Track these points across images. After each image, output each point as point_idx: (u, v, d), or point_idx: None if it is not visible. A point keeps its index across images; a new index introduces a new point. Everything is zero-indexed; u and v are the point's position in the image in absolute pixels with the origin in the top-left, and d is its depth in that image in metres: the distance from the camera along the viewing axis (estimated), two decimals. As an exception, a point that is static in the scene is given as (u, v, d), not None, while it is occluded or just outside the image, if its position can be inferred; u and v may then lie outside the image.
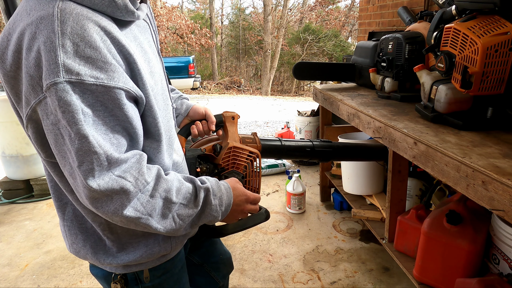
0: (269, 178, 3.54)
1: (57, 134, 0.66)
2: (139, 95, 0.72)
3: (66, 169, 0.68)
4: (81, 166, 0.65)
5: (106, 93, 0.65)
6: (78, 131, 0.63)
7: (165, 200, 0.74)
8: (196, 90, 11.99)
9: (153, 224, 0.73)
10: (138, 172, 0.70)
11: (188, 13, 20.53)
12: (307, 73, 2.47)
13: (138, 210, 0.70)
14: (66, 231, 0.85)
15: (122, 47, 0.69)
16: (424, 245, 1.47)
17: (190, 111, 1.13)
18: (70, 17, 0.63)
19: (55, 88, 0.61)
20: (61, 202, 0.84)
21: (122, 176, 0.68)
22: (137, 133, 0.72)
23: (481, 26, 1.25)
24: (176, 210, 0.75)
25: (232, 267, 1.29)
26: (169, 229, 0.75)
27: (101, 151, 0.65)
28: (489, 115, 1.36)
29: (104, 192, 0.66)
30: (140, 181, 0.70)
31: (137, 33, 0.78)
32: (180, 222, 0.77)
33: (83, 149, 0.64)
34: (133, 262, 0.83)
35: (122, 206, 0.68)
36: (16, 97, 0.70)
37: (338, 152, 1.41)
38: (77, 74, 0.62)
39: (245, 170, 1.07)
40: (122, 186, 0.68)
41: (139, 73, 0.72)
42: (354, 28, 17.94)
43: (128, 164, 0.69)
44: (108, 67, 0.65)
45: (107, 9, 0.69)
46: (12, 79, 0.67)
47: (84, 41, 0.63)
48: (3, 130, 3.04)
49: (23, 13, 0.66)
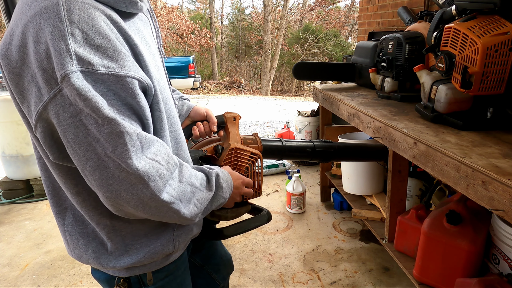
0: (269, 178, 3.54)
1: (79, 126, 0.63)
2: (149, 85, 0.71)
3: (90, 164, 0.65)
4: (115, 150, 0.63)
5: (118, 82, 0.64)
6: (106, 116, 0.62)
7: (191, 186, 0.77)
8: (196, 90, 11.99)
9: (182, 209, 0.74)
10: (168, 155, 0.71)
11: (188, 13, 20.52)
12: (307, 73, 2.47)
13: (172, 195, 0.71)
14: (67, 236, 0.83)
15: (128, 37, 0.68)
16: (424, 245, 1.47)
17: (191, 112, 1.12)
18: (76, 6, 0.62)
19: (70, 77, 0.60)
20: (61, 207, 0.81)
21: (155, 159, 0.68)
22: (149, 124, 0.72)
23: (481, 26, 1.25)
24: (196, 195, 0.78)
25: (232, 268, 1.28)
26: (193, 214, 0.77)
27: (131, 130, 0.65)
28: (489, 115, 1.36)
29: (141, 176, 0.65)
30: (170, 164, 0.71)
31: (140, 26, 0.77)
32: (201, 206, 0.79)
33: (114, 132, 0.63)
34: (137, 264, 0.82)
35: (159, 190, 0.69)
36: (20, 96, 0.67)
37: (339, 152, 1.41)
38: (89, 64, 0.61)
39: (247, 171, 1.07)
40: (158, 169, 0.68)
41: (145, 65, 0.71)
42: (354, 28, 17.94)
43: (156, 146, 0.69)
44: (119, 55, 0.64)
45: (109, 0, 0.68)
46: (17, 76, 0.65)
47: (93, 29, 0.62)
48: (3, 130, 3.04)
49: (24, 6, 0.64)
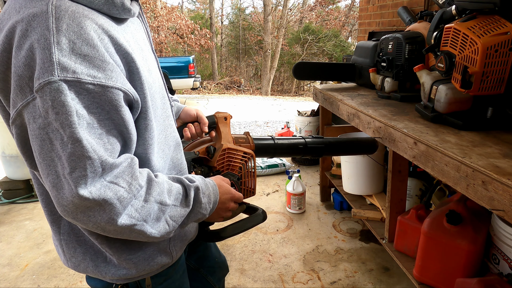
0: (269, 178, 3.54)
1: (44, 140, 0.61)
2: (135, 98, 0.69)
3: (50, 179, 0.63)
4: (73, 172, 0.60)
5: (103, 94, 0.62)
6: (72, 134, 0.59)
7: (159, 204, 0.71)
8: (196, 90, 11.99)
9: (148, 229, 0.69)
10: (131, 177, 0.67)
11: (188, 13, 20.53)
12: (307, 73, 2.47)
13: (133, 217, 0.66)
14: (63, 245, 0.81)
15: (120, 46, 0.67)
16: (424, 245, 1.47)
17: (182, 114, 1.11)
18: (66, 14, 0.60)
19: (49, 87, 0.58)
20: (55, 215, 0.79)
21: (114, 181, 0.64)
22: (131, 138, 0.70)
23: (481, 26, 1.25)
24: (168, 212, 0.73)
25: (227, 270, 1.27)
26: (163, 232, 0.72)
27: (95, 156, 0.61)
28: (489, 115, 1.36)
29: (97, 201, 0.62)
30: (133, 186, 0.67)
31: (133, 30, 0.77)
32: (173, 224, 0.74)
33: (76, 154, 0.60)
34: (136, 275, 0.82)
35: (117, 214, 0.64)
36: (6, 100, 0.65)
37: (330, 147, 1.42)
38: (73, 72, 0.59)
39: (240, 171, 1.07)
40: (116, 192, 0.64)
41: (137, 72, 0.70)
42: (354, 28, 17.94)
43: (120, 168, 0.65)
44: (106, 66, 0.63)
45: (103, 7, 0.67)
46: (1, 81, 0.63)
47: (81, 38, 0.60)
48: (3, 130, 3.04)
49: (12, 11, 0.63)
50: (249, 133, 1.21)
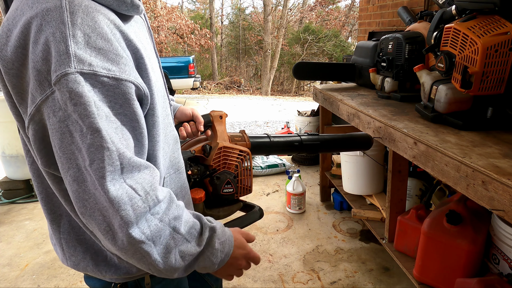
0: (269, 178, 3.54)
1: (64, 133, 0.61)
2: (146, 93, 0.70)
3: (70, 173, 0.62)
4: (92, 163, 0.59)
5: (117, 87, 0.63)
6: (91, 125, 0.59)
7: (173, 229, 0.66)
8: (196, 90, 12.00)
9: (154, 254, 0.64)
10: (150, 186, 0.64)
11: (188, 13, 20.53)
12: (307, 73, 2.47)
13: (144, 233, 0.62)
14: (63, 244, 0.79)
15: (130, 42, 0.68)
16: (424, 245, 1.47)
17: (177, 113, 1.11)
18: (80, 9, 0.61)
19: (66, 79, 0.58)
20: (55, 214, 0.78)
21: (133, 186, 0.62)
22: (142, 133, 0.69)
23: (481, 26, 1.25)
24: (180, 244, 0.67)
25: None
26: (167, 266, 0.66)
27: (113, 147, 0.60)
28: (489, 115, 1.36)
29: (112, 201, 0.60)
30: (150, 197, 0.64)
31: (136, 29, 0.77)
32: (180, 261, 0.68)
33: (95, 144, 0.59)
34: (136, 274, 0.81)
35: (129, 222, 0.61)
36: (19, 97, 0.65)
37: (326, 144, 1.43)
38: (89, 65, 0.60)
39: (237, 169, 1.07)
40: (132, 198, 0.61)
41: (145, 69, 0.71)
42: (354, 28, 17.94)
43: (142, 174, 0.64)
44: (120, 59, 0.63)
45: (113, 3, 0.68)
46: (15, 77, 0.63)
47: (95, 32, 0.61)
48: (3, 130, 3.04)
49: (24, 7, 0.63)
50: (245, 131, 1.21)
